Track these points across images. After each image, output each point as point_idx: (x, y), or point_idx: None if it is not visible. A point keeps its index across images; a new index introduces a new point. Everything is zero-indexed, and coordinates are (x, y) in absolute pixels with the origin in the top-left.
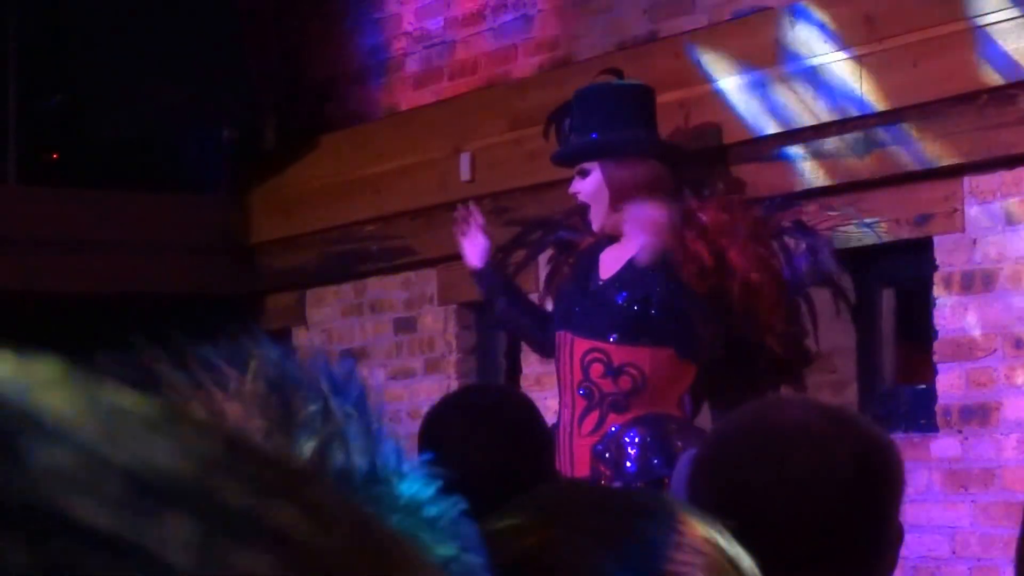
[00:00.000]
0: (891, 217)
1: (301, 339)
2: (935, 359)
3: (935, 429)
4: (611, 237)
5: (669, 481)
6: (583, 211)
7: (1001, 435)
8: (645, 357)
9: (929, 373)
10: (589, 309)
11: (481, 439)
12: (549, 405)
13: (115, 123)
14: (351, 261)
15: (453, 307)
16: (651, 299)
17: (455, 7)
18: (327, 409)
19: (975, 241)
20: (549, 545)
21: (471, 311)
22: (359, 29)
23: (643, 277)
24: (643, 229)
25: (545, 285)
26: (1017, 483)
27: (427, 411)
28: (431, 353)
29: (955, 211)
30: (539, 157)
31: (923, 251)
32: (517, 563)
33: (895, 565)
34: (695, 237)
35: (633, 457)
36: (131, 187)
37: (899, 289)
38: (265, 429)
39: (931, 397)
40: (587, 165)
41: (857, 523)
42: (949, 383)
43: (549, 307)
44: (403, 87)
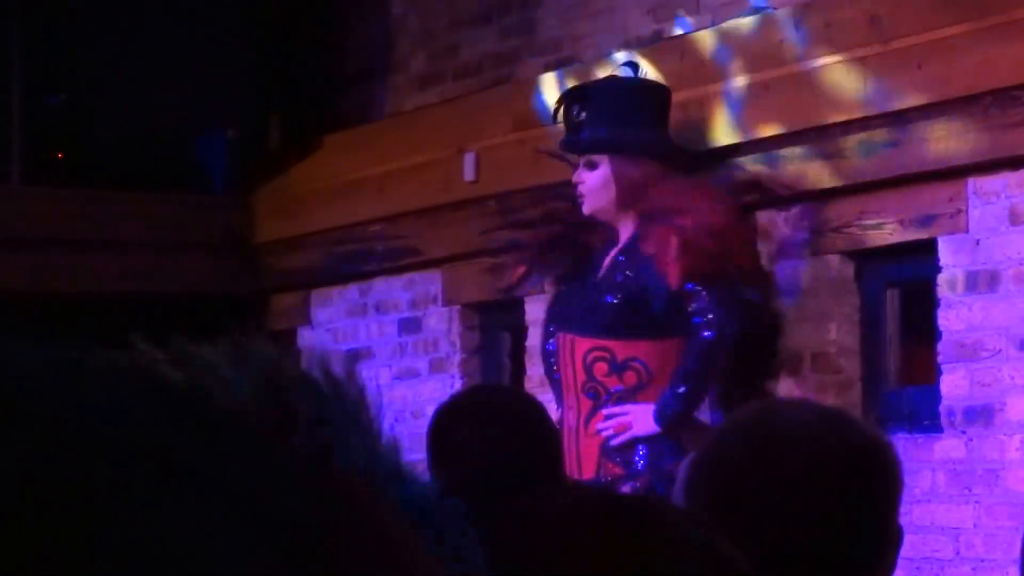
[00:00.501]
0: (896, 218)
1: (306, 339)
2: (939, 360)
3: (939, 430)
4: (607, 237)
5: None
6: (576, 201)
7: (1005, 436)
8: (648, 350)
9: (933, 374)
10: (588, 308)
11: (491, 438)
12: (554, 407)
13: (119, 123)
14: (356, 261)
15: (457, 308)
16: (648, 291)
17: (459, 7)
18: (327, 410)
19: (979, 242)
20: None
21: (475, 312)
22: (363, 29)
23: (638, 271)
24: (663, 252)
25: (547, 285)
26: (1021, 484)
27: (435, 410)
28: (435, 353)
29: (960, 212)
30: (543, 157)
31: (928, 252)
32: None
33: (894, 566)
34: (673, 232)
35: (643, 455)
36: (135, 187)
37: (904, 290)
38: (265, 429)
39: (935, 398)
40: (596, 157)
41: (855, 524)
42: (953, 384)
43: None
44: (408, 87)
